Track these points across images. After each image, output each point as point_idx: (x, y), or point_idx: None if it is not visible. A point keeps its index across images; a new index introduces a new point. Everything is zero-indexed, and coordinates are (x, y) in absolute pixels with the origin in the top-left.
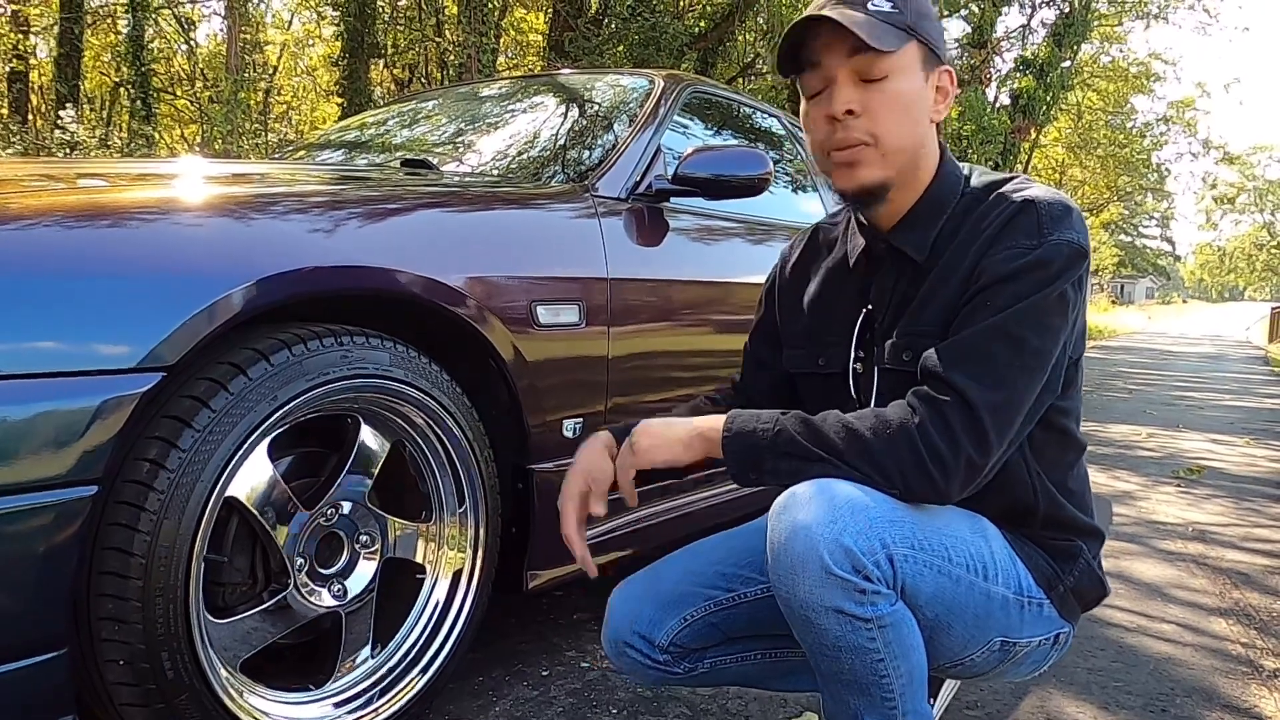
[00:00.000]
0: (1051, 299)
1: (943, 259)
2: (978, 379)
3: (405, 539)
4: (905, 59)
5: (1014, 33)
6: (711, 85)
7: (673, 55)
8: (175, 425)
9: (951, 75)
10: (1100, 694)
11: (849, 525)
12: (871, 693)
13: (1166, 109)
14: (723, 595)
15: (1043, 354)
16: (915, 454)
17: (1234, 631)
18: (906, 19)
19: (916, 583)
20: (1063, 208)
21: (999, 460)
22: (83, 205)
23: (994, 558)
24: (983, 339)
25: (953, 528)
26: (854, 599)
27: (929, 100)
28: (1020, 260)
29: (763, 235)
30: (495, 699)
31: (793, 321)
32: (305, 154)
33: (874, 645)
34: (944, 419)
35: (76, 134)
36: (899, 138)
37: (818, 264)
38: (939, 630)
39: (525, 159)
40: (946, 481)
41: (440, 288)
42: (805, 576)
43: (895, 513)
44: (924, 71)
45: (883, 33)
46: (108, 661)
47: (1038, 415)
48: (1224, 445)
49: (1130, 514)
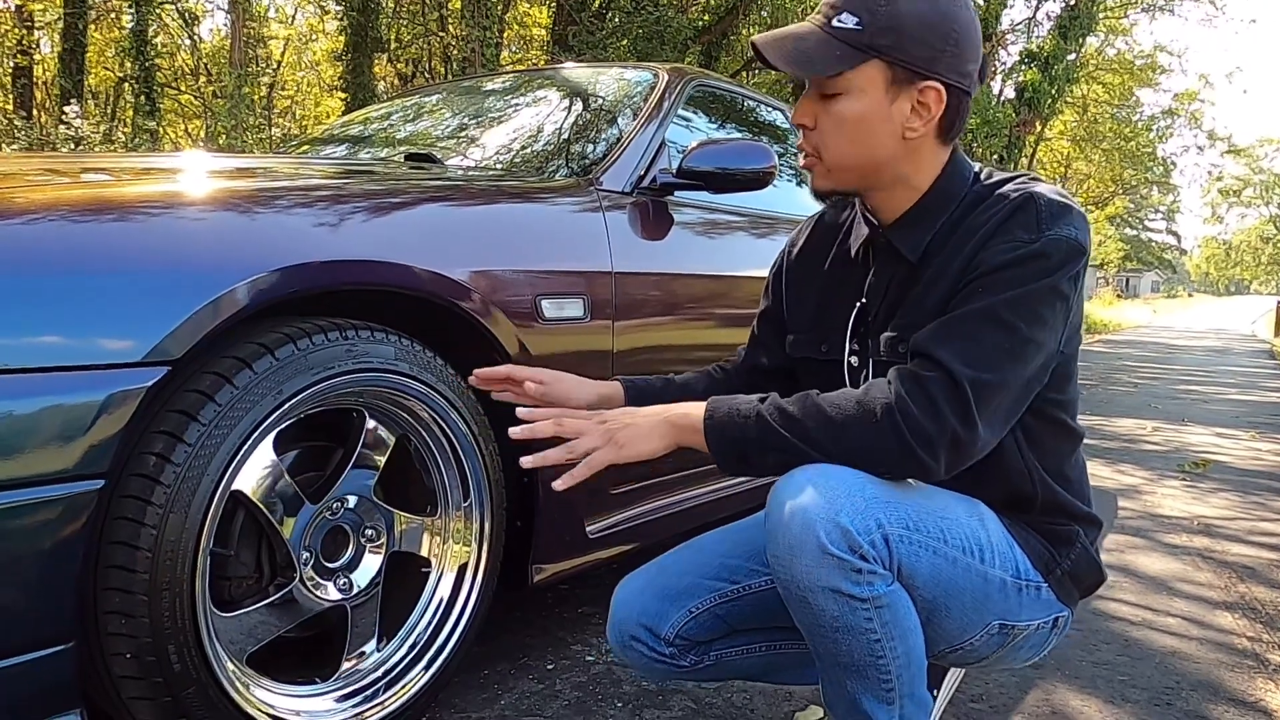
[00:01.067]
0: (1046, 291)
1: (940, 256)
2: (963, 356)
3: (411, 533)
4: (859, 79)
5: (1019, 25)
6: (715, 79)
7: (676, 49)
8: (181, 419)
9: (940, 94)
10: (1106, 687)
11: (845, 505)
12: (869, 675)
13: (1171, 101)
14: (728, 587)
15: (1032, 343)
16: (896, 432)
17: (1240, 625)
18: (866, 37)
19: (913, 563)
20: (1063, 204)
21: (986, 443)
22: (88, 200)
23: (990, 541)
24: (973, 321)
25: (949, 510)
26: (850, 578)
27: (895, 119)
28: (1017, 252)
29: (767, 229)
30: (500, 692)
31: (797, 307)
32: (309, 149)
33: (871, 625)
34: (926, 392)
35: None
36: (842, 157)
37: (824, 251)
38: (937, 612)
39: (529, 153)
40: (932, 456)
41: (445, 282)
42: (802, 556)
43: (891, 494)
44: (890, 91)
45: (827, 54)
46: (114, 655)
47: (1025, 404)
48: (1229, 439)
49: (1135, 508)
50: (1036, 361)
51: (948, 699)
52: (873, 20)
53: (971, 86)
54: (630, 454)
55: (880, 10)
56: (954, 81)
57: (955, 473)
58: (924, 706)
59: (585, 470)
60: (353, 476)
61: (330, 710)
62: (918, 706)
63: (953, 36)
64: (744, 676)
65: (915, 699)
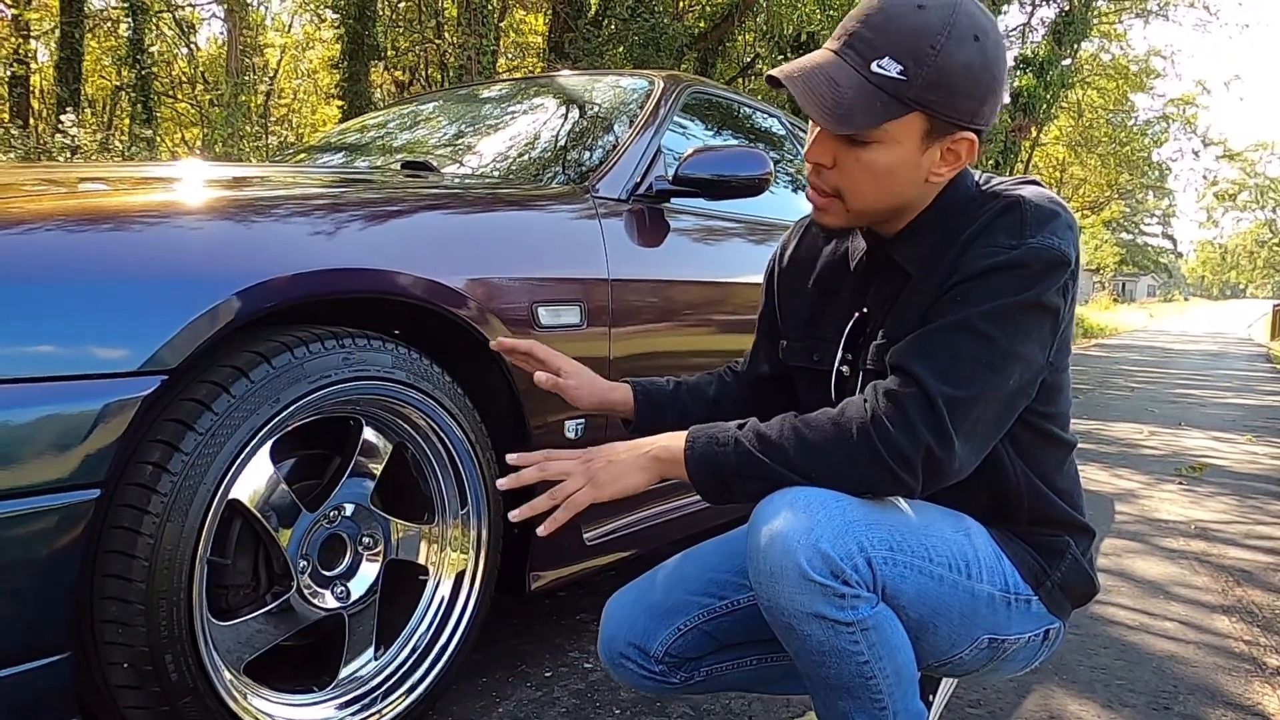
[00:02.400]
0: (1027, 303)
1: (931, 264)
2: (938, 372)
3: (408, 540)
4: (897, 130)
5: (1014, 31)
6: (711, 86)
7: (672, 56)
8: (177, 428)
9: (973, 143)
10: (1103, 692)
11: (825, 531)
12: (860, 695)
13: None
14: (716, 604)
15: (1011, 355)
16: (872, 451)
17: (1237, 629)
18: (912, 92)
19: (898, 584)
20: (1050, 211)
21: (965, 461)
22: (84, 210)
23: (978, 556)
24: (949, 334)
25: (934, 527)
26: (834, 604)
27: (925, 166)
28: (996, 258)
29: (763, 235)
30: (498, 700)
31: (790, 313)
32: (306, 157)
33: (858, 649)
34: (901, 410)
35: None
36: (869, 200)
37: (816, 256)
38: (925, 630)
39: (525, 160)
40: (909, 473)
41: (441, 289)
42: (784, 583)
43: (873, 515)
44: (924, 142)
45: (868, 105)
46: (111, 664)
47: (1010, 419)
48: (1226, 443)
49: (1132, 512)
50: (1019, 375)
51: (943, 705)
52: (919, 71)
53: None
54: (611, 492)
55: (928, 60)
56: (983, 126)
57: (935, 490)
58: (919, 718)
59: (565, 514)
60: (350, 485)
61: (328, 718)
62: (912, 718)
63: (994, 86)
64: (736, 689)
65: (909, 713)
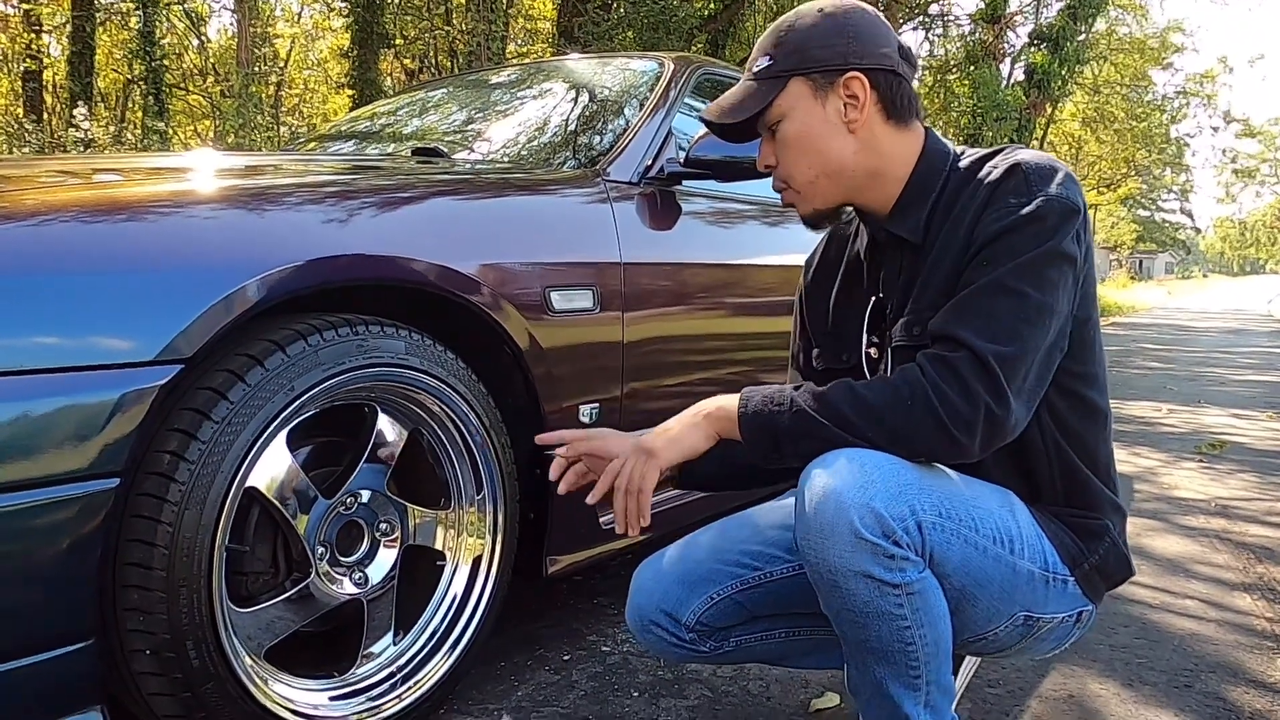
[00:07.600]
0: (1048, 254)
1: (940, 237)
2: (983, 333)
3: (425, 526)
4: (786, 101)
5: (1028, 6)
6: (722, 67)
7: (682, 38)
8: (194, 417)
9: (862, 79)
10: (1124, 670)
11: (879, 490)
12: (897, 661)
13: (1185, 81)
14: (749, 574)
15: (1045, 307)
16: (933, 414)
17: (1258, 607)
18: (778, 67)
19: (944, 551)
20: (1049, 167)
21: (1019, 418)
22: (99, 200)
23: (1020, 532)
24: (984, 296)
25: (981, 500)
26: (883, 564)
27: (834, 119)
28: (1010, 218)
29: (776, 217)
30: (517, 684)
31: (818, 323)
32: (317, 145)
33: (901, 611)
34: (956, 373)
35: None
36: (806, 172)
37: (837, 266)
38: (964, 601)
39: (536, 145)
40: (969, 436)
41: (454, 275)
42: (835, 540)
43: (925, 480)
44: (817, 98)
45: (753, 94)
46: (134, 651)
47: (1050, 373)
48: (1246, 420)
49: (1152, 490)
50: (1053, 326)
51: (966, 684)
52: (778, 51)
53: (897, 65)
54: (671, 455)
55: (784, 40)
56: (871, 65)
57: (990, 452)
58: (949, 693)
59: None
60: (365, 471)
61: (348, 703)
62: (943, 693)
63: (849, 30)
64: (763, 660)
65: (941, 685)
